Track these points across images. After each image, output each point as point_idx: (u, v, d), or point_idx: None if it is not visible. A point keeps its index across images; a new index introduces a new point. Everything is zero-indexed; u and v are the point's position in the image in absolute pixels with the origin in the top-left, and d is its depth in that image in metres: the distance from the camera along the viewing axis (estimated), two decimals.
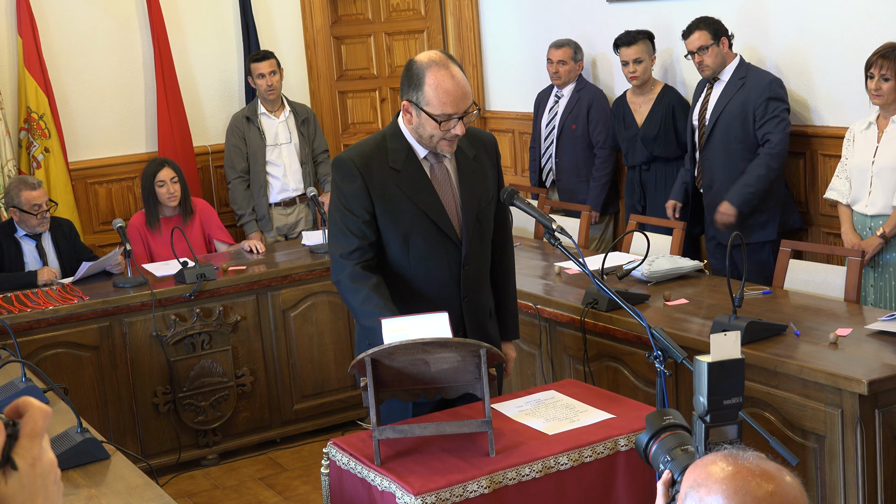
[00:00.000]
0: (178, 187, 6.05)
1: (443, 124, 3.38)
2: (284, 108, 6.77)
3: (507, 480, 3.08)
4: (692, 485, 1.65)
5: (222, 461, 5.61)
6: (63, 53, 6.84)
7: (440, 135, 3.41)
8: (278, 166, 6.74)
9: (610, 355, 4.33)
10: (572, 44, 6.60)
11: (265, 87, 6.64)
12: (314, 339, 5.79)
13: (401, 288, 3.54)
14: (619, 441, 3.26)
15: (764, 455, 1.68)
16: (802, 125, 5.60)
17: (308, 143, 6.81)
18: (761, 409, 3.70)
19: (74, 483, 3.15)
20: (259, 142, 6.68)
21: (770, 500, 1.59)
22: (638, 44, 6.06)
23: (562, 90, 6.65)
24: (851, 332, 3.82)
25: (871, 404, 3.41)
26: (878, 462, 3.45)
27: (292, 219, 6.83)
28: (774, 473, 1.62)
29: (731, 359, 2.20)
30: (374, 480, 3.12)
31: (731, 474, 1.62)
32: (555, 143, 6.66)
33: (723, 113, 5.53)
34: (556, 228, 3.35)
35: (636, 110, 6.24)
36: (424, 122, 3.41)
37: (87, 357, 5.26)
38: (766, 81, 5.46)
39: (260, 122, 6.70)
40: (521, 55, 7.48)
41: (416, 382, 3.30)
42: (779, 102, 5.40)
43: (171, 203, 6.05)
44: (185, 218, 6.12)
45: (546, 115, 6.76)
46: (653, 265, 4.73)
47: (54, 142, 6.58)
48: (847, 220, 4.96)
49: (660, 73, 6.36)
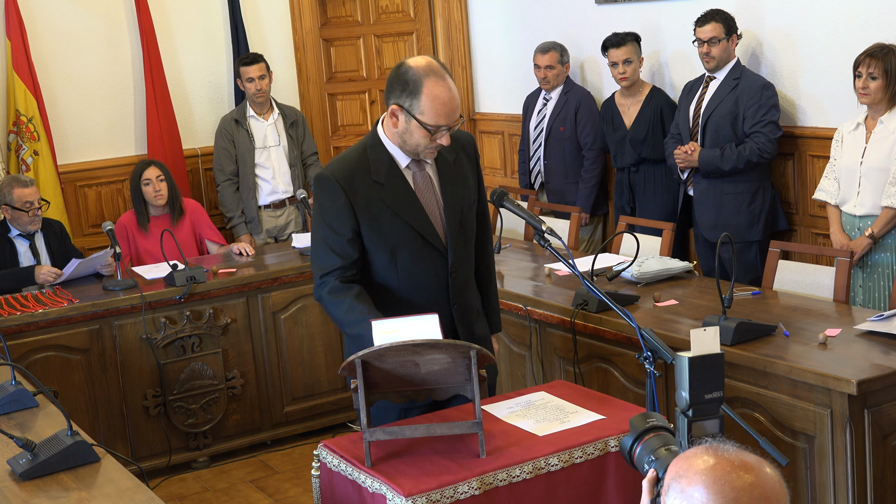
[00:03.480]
0: (164, 185, 6.04)
1: (433, 134, 3.37)
2: (273, 111, 6.77)
3: (497, 482, 3.08)
4: (674, 476, 1.69)
5: (213, 464, 5.60)
6: (52, 56, 6.82)
7: (426, 143, 3.40)
8: (267, 169, 6.73)
9: (600, 356, 4.33)
10: (558, 47, 6.59)
11: (254, 91, 6.64)
12: (304, 342, 5.79)
13: (389, 299, 3.51)
14: (609, 442, 3.26)
15: (744, 447, 1.71)
16: (790, 126, 5.61)
17: (297, 145, 6.81)
18: (751, 409, 3.70)
19: (65, 486, 3.13)
20: (248, 144, 6.67)
21: (750, 490, 1.63)
22: (627, 45, 6.07)
23: (550, 93, 6.65)
24: (840, 333, 3.83)
25: (860, 404, 3.42)
26: (868, 462, 3.45)
27: (282, 221, 6.82)
28: (754, 465, 1.67)
29: (710, 353, 2.22)
30: (365, 482, 3.12)
31: (712, 466, 1.66)
32: (543, 145, 6.66)
33: (714, 111, 5.55)
34: (546, 230, 3.36)
35: (624, 112, 6.24)
36: (414, 129, 3.38)
37: (77, 360, 5.25)
38: (758, 86, 5.47)
39: (248, 124, 6.69)
40: (510, 57, 7.49)
41: (407, 384, 3.30)
42: (769, 109, 5.41)
43: (159, 202, 6.04)
44: (174, 218, 6.12)
45: (534, 118, 6.76)
46: (642, 266, 4.73)
47: (43, 144, 6.57)
48: (836, 220, 4.96)
49: (647, 74, 6.37)
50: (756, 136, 5.39)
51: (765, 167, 5.52)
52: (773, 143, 5.40)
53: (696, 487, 1.64)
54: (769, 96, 5.43)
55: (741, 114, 5.45)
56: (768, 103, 5.41)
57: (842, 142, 4.95)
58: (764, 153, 5.38)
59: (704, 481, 1.64)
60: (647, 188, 6.18)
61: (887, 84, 4.71)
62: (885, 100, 4.74)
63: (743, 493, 1.63)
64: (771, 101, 5.42)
